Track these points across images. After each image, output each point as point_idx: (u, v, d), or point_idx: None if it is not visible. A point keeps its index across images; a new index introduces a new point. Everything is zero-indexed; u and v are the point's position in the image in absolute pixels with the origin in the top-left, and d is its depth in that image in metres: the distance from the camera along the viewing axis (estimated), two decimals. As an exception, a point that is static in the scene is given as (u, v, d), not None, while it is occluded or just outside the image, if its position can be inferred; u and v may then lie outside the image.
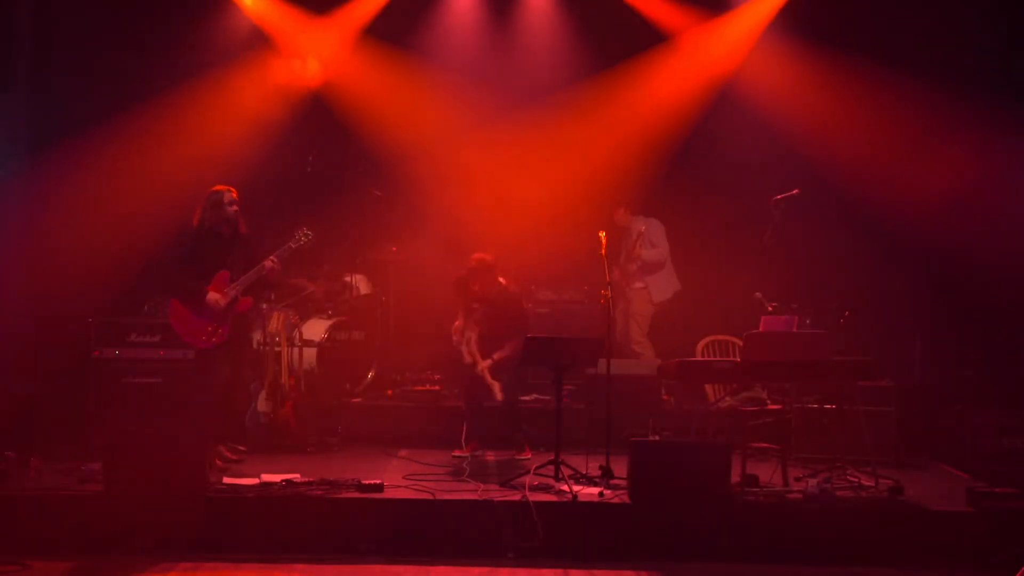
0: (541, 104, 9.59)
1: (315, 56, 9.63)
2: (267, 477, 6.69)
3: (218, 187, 7.43)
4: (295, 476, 6.72)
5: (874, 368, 7.03)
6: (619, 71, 9.71)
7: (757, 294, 7.85)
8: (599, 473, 6.85)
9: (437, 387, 9.17)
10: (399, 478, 6.92)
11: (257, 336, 8.36)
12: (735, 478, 6.61)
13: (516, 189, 9.52)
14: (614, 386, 7.07)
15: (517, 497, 6.41)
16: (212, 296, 7.23)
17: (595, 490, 6.61)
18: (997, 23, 8.80)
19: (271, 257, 7.36)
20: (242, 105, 9.36)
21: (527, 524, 6.19)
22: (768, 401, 7.26)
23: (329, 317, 9.14)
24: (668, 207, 9.43)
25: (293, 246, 7.49)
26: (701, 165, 9.68)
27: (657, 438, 7.89)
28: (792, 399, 7.86)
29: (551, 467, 6.85)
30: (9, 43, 8.77)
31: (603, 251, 7.29)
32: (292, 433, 8.02)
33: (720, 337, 7.71)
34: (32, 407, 8.05)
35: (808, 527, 6.33)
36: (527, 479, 6.66)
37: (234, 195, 7.38)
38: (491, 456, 7.82)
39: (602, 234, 7.28)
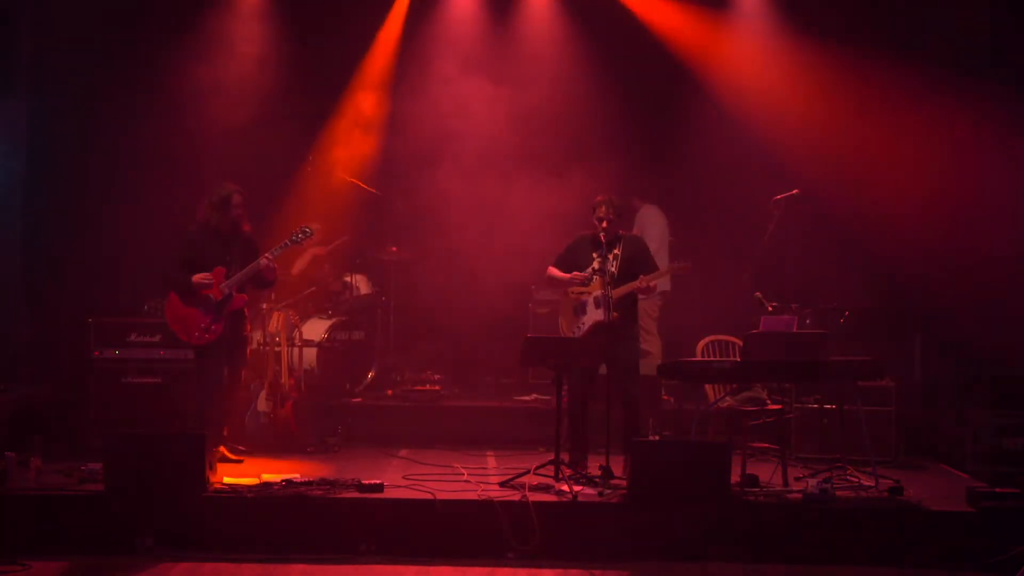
0: (542, 101, 9.58)
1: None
2: (267, 477, 6.70)
3: (226, 184, 7.43)
4: (295, 476, 6.72)
5: (874, 368, 7.03)
6: (619, 67, 9.71)
7: (757, 294, 7.84)
8: (599, 473, 6.85)
9: (437, 387, 9.17)
10: (399, 478, 6.92)
11: (257, 336, 8.37)
12: (735, 478, 6.61)
13: (517, 187, 9.51)
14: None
15: (517, 497, 6.40)
16: (198, 277, 7.23)
17: (595, 490, 6.61)
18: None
19: (266, 255, 7.37)
20: (243, 102, 9.36)
21: (527, 524, 6.19)
22: (768, 401, 7.25)
23: (329, 317, 9.14)
24: (668, 207, 9.42)
25: (290, 243, 7.49)
26: (701, 164, 9.68)
27: (657, 438, 7.89)
28: (792, 399, 7.87)
29: (551, 467, 6.85)
30: (9, 44, 8.79)
31: (601, 244, 7.26)
32: (292, 433, 8.02)
33: (720, 337, 7.70)
34: (32, 407, 8.05)
35: (808, 527, 6.32)
36: (527, 479, 6.66)
37: (240, 197, 7.38)
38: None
39: (602, 233, 7.24)
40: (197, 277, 7.25)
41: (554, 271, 7.43)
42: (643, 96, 9.83)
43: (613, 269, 7.17)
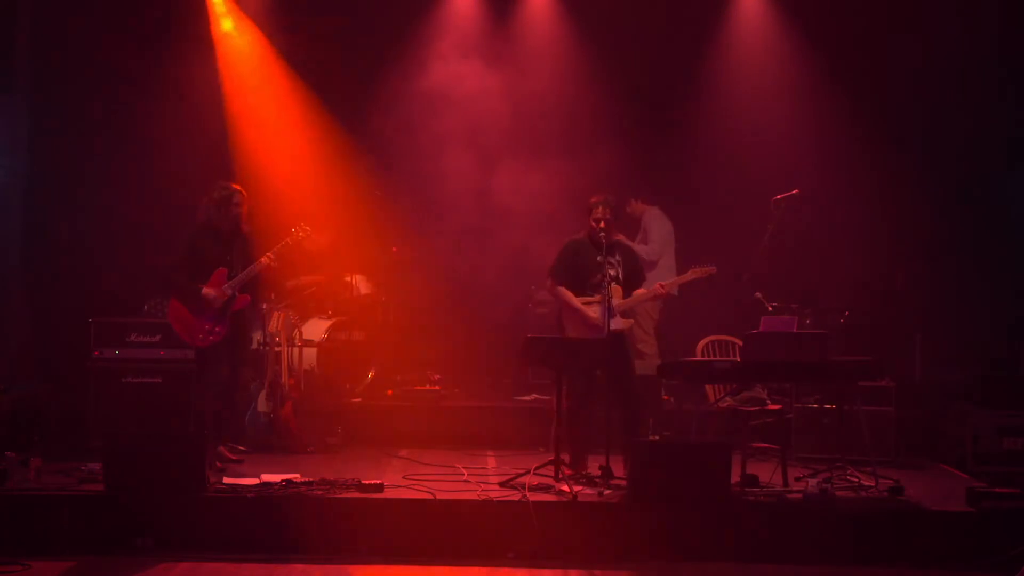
0: (541, 100, 9.57)
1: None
2: (267, 477, 6.69)
3: (226, 184, 7.43)
4: (295, 476, 6.72)
5: (874, 368, 7.03)
6: (619, 65, 9.72)
7: (757, 294, 7.85)
8: (599, 473, 6.85)
9: (437, 387, 9.16)
10: (399, 478, 6.92)
11: (257, 336, 8.36)
12: (735, 478, 6.61)
13: (517, 187, 9.50)
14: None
15: (517, 497, 6.40)
16: (208, 291, 7.24)
17: (595, 490, 6.61)
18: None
19: (268, 254, 7.38)
20: (242, 102, 9.36)
21: (527, 524, 6.19)
22: (768, 401, 7.25)
23: (329, 317, 9.14)
24: (667, 207, 9.42)
25: (291, 242, 7.50)
26: (701, 164, 9.68)
27: (657, 438, 7.90)
28: (792, 399, 7.87)
29: (551, 467, 6.84)
30: (9, 44, 8.79)
31: (602, 246, 7.26)
32: (292, 433, 8.02)
33: (720, 337, 7.70)
34: (32, 407, 8.05)
35: (808, 527, 6.33)
36: (527, 479, 6.66)
37: (242, 196, 7.38)
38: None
39: (601, 234, 7.22)
40: (207, 292, 7.25)
41: (571, 296, 7.26)
42: (643, 95, 9.83)
43: (619, 276, 7.16)
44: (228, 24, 9.38)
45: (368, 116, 9.59)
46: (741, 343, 7.10)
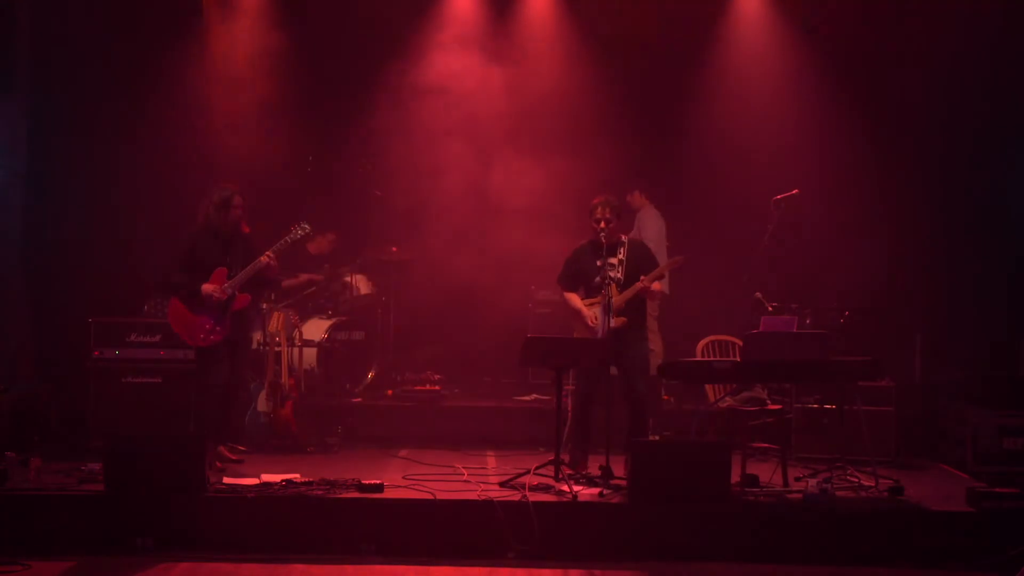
0: (541, 101, 9.57)
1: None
2: (267, 477, 6.69)
3: (226, 185, 7.43)
4: (295, 476, 6.72)
5: (874, 368, 7.03)
6: (619, 63, 9.71)
7: (757, 294, 7.84)
8: (599, 473, 6.85)
9: (437, 387, 9.17)
10: (399, 478, 6.92)
11: (257, 336, 8.36)
12: (735, 478, 6.61)
13: (517, 187, 9.51)
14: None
15: (517, 497, 6.40)
16: (207, 287, 7.24)
17: (595, 490, 6.61)
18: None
19: (267, 252, 7.37)
20: (243, 101, 9.36)
21: (527, 524, 6.19)
22: (768, 401, 7.25)
23: (329, 317, 9.14)
24: (667, 207, 9.43)
25: (290, 241, 7.50)
26: (701, 164, 9.68)
27: (657, 438, 7.90)
28: (792, 399, 7.87)
29: (551, 467, 6.85)
30: (9, 44, 8.78)
31: (602, 248, 7.27)
32: (292, 433, 8.03)
33: (720, 337, 7.70)
34: (32, 407, 8.05)
35: (808, 527, 6.33)
36: (527, 479, 6.66)
37: (241, 198, 7.38)
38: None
39: (601, 235, 7.23)
40: (207, 288, 7.25)
41: (574, 299, 7.34)
42: (643, 95, 9.83)
43: (619, 275, 7.17)
44: (225, 23, 9.39)
45: (368, 115, 9.59)
46: (741, 343, 7.10)
